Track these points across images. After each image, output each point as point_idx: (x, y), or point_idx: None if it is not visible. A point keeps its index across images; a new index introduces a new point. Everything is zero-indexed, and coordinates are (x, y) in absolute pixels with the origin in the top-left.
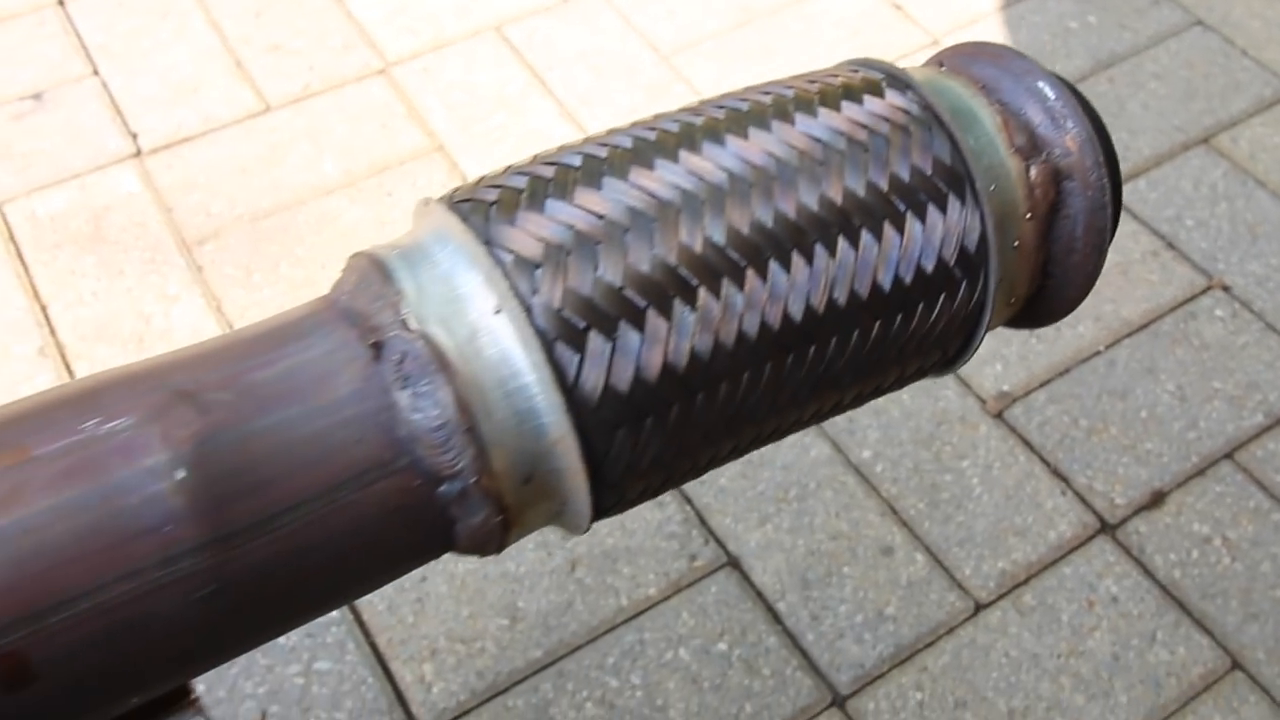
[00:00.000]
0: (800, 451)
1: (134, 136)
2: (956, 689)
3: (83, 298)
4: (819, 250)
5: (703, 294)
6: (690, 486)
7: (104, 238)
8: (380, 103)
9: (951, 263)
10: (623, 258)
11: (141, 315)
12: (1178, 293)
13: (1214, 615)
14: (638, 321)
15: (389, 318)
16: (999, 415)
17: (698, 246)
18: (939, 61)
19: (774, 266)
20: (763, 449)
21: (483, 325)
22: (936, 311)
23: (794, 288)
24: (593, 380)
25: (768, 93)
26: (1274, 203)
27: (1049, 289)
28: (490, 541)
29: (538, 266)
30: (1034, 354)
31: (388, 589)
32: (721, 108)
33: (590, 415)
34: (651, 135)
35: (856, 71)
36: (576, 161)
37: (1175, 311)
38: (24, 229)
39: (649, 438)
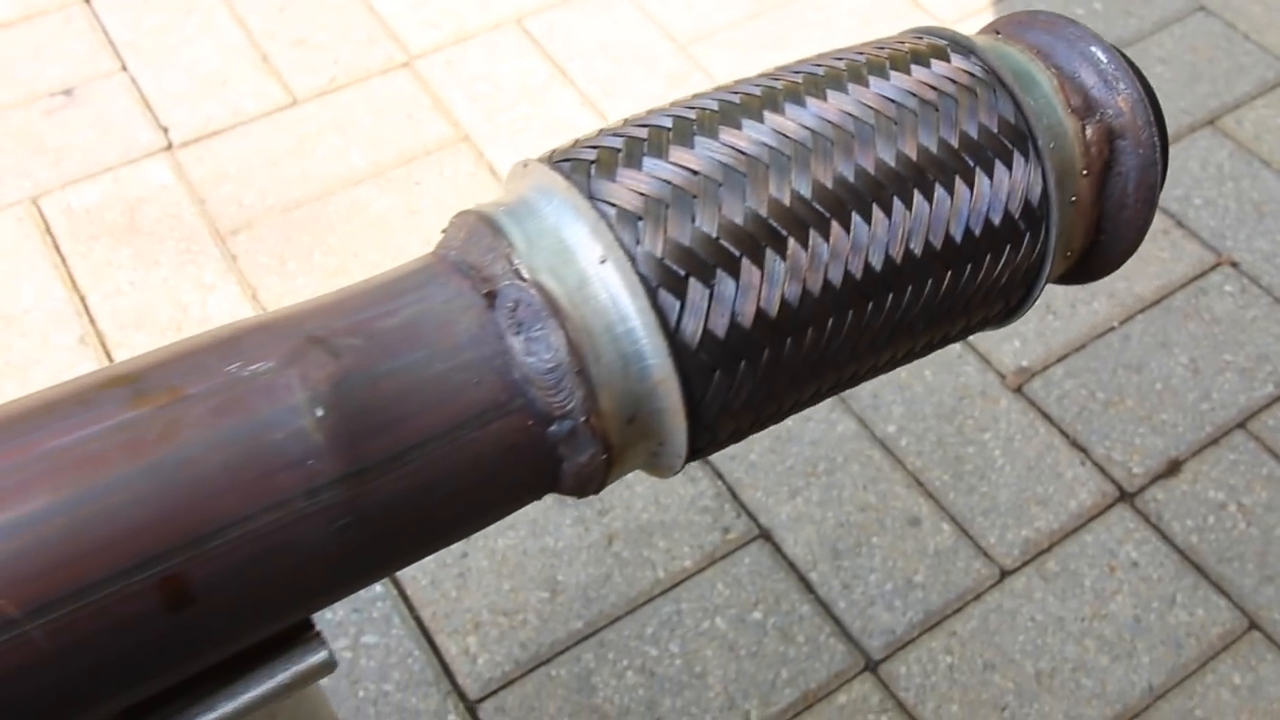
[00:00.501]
0: (827, 427)
1: (165, 130)
2: (985, 652)
3: (120, 288)
4: (896, 204)
5: (791, 244)
6: (720, 461)
7: (139, 229)
8: (405, 95)
9: (1016, 216)
10: (717, 210)
11: (179, 304)
12: (1188, 269)
13: (1231, 578)
14: (733, 270)
15: (501, 268)
16: (1018, 390)
17: (786, 199)
18: (995, 29)
19: (856, 219)
20: (789, 423)
21: (591, 274)
22: (1002, 263)
23: (874, 239)
24: (693, 325)
25: (840, 58)
26: (1278, 182)
27: (1102, 243)
28: (593, 480)
29: (639, 219)
30: (1051, 330)
31: (429, 563)
32: (798, 72)
33: (690, 358)
34: (735, 98)
35: (921, 38)
36: (668, 123)
37: (1186, 287)
38: (60, 221)
39: (742, 380)
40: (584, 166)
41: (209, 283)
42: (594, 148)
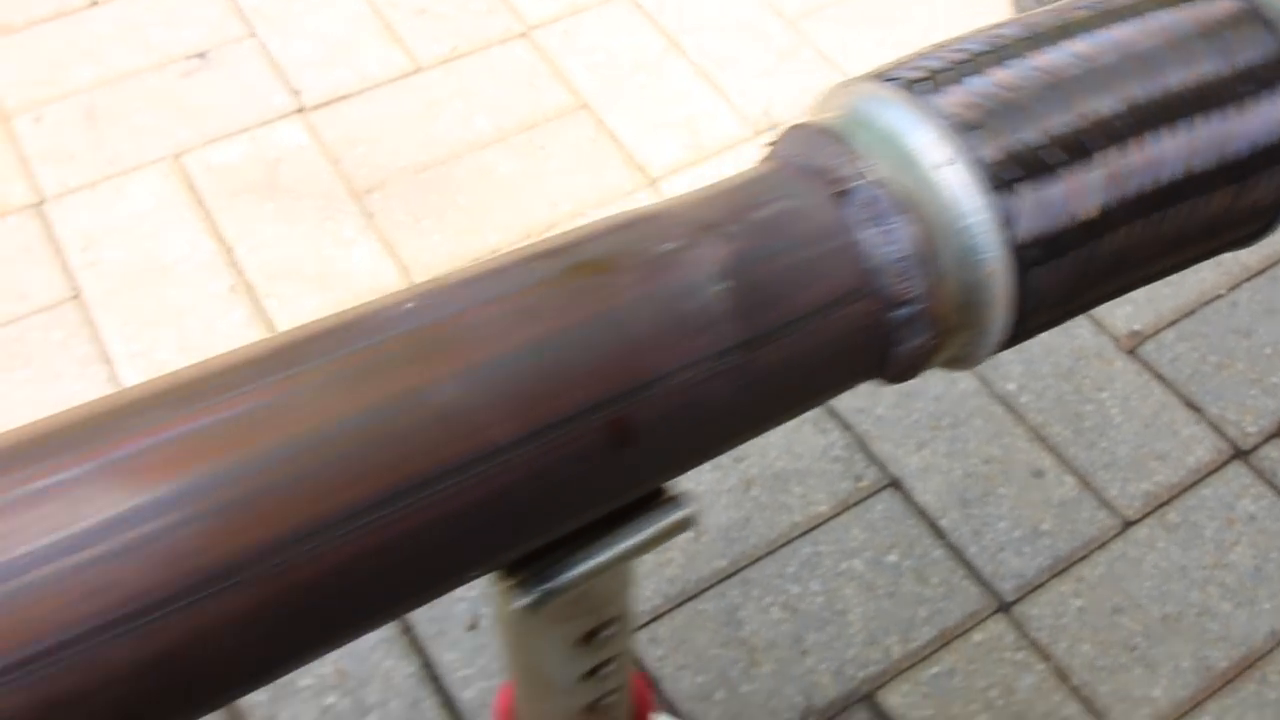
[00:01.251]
0: (949, 384)
1: (296, 93)
2: (1113, 596)
3: (265, 241)
4: (1187, 123)
5: (1101, 155)
6: (849, 414)
7: (278, 186)
8: (525, 64)
9: None
10: (1038, 123)
11: (322, 258)
12: None
13: None
14: (1054, 177)
15: (850, 171)
16: (1131, 352)
17: (1095, 116)
18: None
19: (1154, 135)
20: (913, 380)
21: (933, 176)
22: (1264, 183)
23: (1169, 154)
24: (1021, 224)
25: None
26: None
27: None
28: (916, 366)
29: (973, 128)
30: (1160, 297)
31: None
32: (1081, 8)
33: (1017, 254)
34: (1037, 28)
35: None
36: (979, 48)
37: None
38: (204, 179)
39: (1057, 277)
40: (913, 83)
41: (348, 238)
42: (916, 68)
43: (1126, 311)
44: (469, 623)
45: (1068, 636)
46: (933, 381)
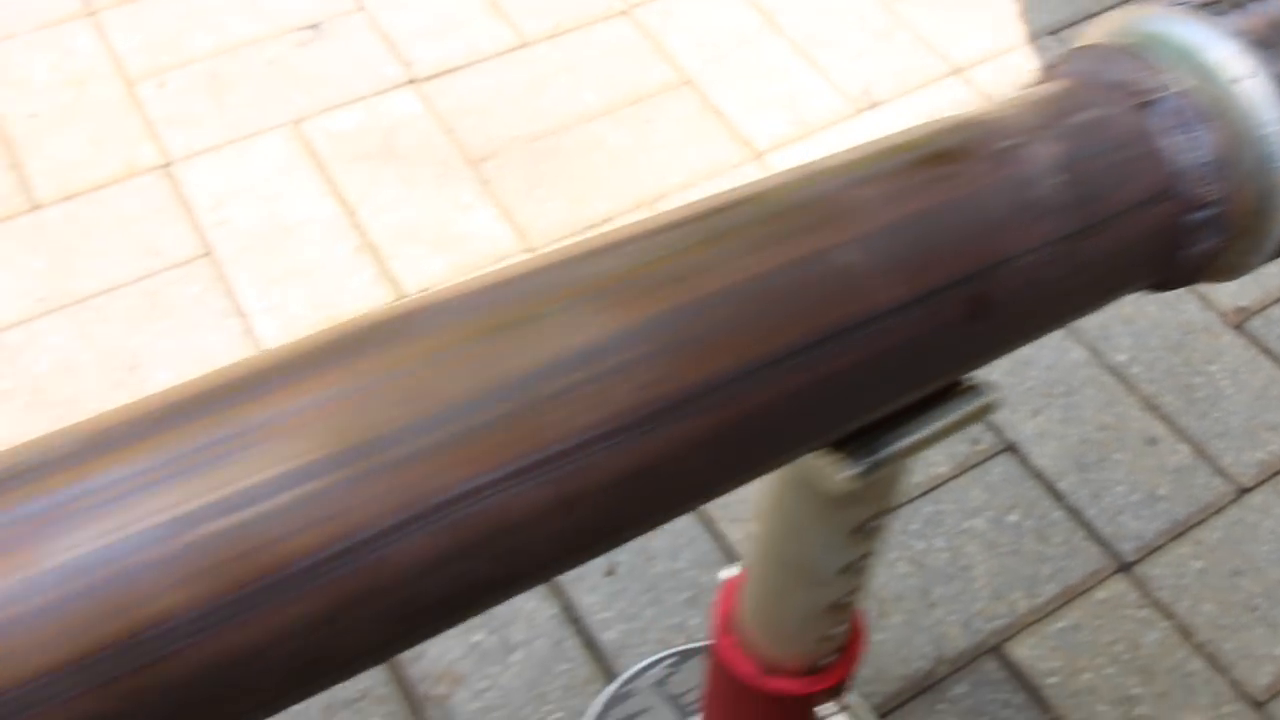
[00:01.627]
0: (1060, 354)
1: (408, 65)
2: (1232, 559)
3: (387, 204)
4: None
5: None
6: None
7: (396, 153)
8: (628, 41)
9: None
10: None
11: (441, 222)
12: None
13: None
14: None
15: (1154, 83)
16: (1238, 327)
17: None
18: None
19: None
20: (1024, 349)
21: (1233, 89)
22: None
23: None
24: None
25: None
26: None
27: None
28: (1200, 270)
29: (1267, 46)
30: (1266, 275)
31: None
32: None
33: None
34: None
35: None
36: None
37: None
38: (324, 145)
39: None
40: (1194, 9)
41: (466, 203)
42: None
43: (1231, 288)
44: (606, 569)
45: (1189, 596)
46: (1045, 351)
